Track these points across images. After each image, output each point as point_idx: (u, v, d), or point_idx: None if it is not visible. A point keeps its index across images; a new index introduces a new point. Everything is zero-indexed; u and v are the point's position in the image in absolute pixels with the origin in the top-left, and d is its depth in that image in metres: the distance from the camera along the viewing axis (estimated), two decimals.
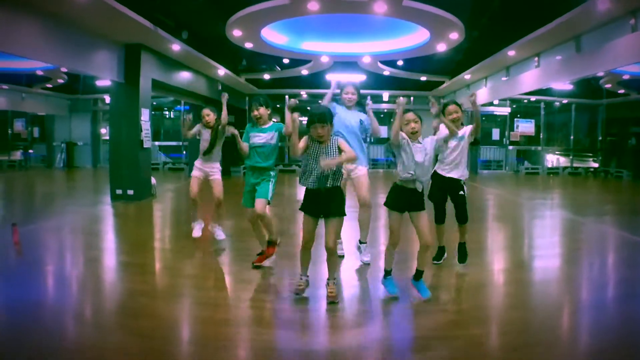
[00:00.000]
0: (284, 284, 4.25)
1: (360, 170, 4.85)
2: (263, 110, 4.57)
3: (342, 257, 5.02)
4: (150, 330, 3.19)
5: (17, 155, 19.92)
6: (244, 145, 4.60)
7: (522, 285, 4.39)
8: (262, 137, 4.55)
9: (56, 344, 2.99)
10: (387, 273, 3.91)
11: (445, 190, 4.66)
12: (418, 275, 3.82)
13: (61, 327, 3.31)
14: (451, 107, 4.53)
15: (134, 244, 6.06)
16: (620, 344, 3.06)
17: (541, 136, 19.65)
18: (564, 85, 17.33)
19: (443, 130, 4.36)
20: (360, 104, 4.94)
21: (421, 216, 3.73)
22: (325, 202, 3.58)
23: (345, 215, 3.68)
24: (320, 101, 4.85)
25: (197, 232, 5.78)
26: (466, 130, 4.57)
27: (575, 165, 19.38)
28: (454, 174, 4.59)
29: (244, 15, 8.87)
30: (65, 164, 19.26)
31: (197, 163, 5.66)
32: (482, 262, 5.03)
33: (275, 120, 4.79)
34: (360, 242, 5.00)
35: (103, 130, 19.72)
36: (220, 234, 5.68)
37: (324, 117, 3.53)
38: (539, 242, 6.53)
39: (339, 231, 3.69)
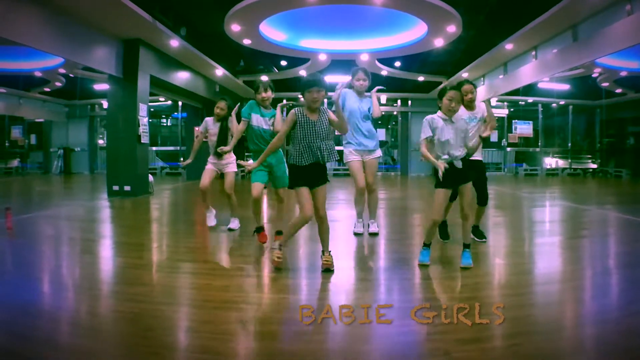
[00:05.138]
0: (288, 258, 4.16)
1: (376, 154, 4.99)
2: (270, 94, 4.62)
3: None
4: (143, 296, 3.10)
5: (14, 163, 19.84)
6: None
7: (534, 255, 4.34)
8: (267, 121, 4.62)
9: (53, 310, 2.92)
10: (425, 246, 3.85)
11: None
12: (465, 246, 3.82)
13: (58, 296, 3.24)
14: (466, 87, 4.42)
15: (130, 228, 5.97)
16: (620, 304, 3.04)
17: (539, 138, 19.65)
18: (561, 85, 17.43)
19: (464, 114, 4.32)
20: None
21: (464, 189, 3.76)
22: (312, 174, 3.56)
23: (329, 181, 3.64)
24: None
25: (211, 221, 5.59)
26: (482, 112, 4.51)
27: (573, 166, 19.36)
28: (476, 156, 4.47)
29: (243, 7, 8.86)
30: (62, 170, 19.16)
31: (210, 159, 5.48)
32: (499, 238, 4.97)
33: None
34: (370, 219, 5.21)
35: (101, 142, 19.65)
36: (234, 224, 5.50)
37: (319, 81, 3.53)
38: (546, 224, 6.52)
39: (325, 197, 3.66)
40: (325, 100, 4.62)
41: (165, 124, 22.37)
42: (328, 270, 3.59)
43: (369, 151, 4.95)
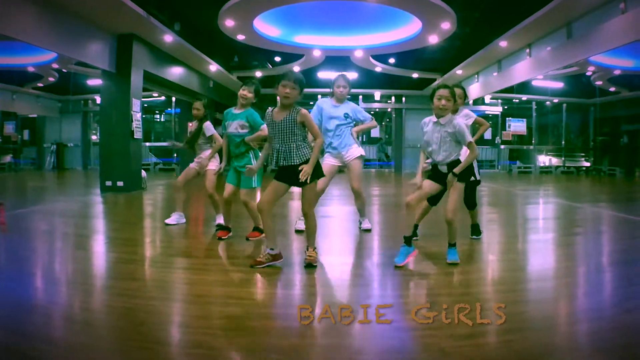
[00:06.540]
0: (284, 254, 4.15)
1: (355, 153, 4.91)
2: (248, 94, 4.50)
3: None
4: (136, 291, 3.08)
5: (7, 158, 19.65)
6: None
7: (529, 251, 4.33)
8: (238, 124, 4.48)
9: (46, 305, 2.90)
10: (405, 240, 3.67)
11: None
12: (450, 245, 3.77)
13: (51, 291, 3.22)
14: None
15: (123, 223, 5.93)
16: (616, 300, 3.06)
17: (533, 136, 19.72)
18: (555, 83, 17.49)
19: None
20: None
21: (450, 193, 3.69)
22: (288, 174, 3.51)
23: (317, 179, 3.60)
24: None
25: (171, 220, 5.53)
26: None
27: (567, 164, 19.45)
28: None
29: (237, 2, 8.83)
30: (55, 166, 19.02)
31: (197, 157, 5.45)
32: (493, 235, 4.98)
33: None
34: (360, 217, 5.25)
35: (94, 137, 19.50)
36: (220, 219, 5.39)
37: (286, 75, 3.47)
38: (540, 221, 6.55)
39: (312, 195, 3.65)
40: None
41: (158, 120, 22.25)
42: (310, 265, 3.58)
43: (347, 151, 4.90)
